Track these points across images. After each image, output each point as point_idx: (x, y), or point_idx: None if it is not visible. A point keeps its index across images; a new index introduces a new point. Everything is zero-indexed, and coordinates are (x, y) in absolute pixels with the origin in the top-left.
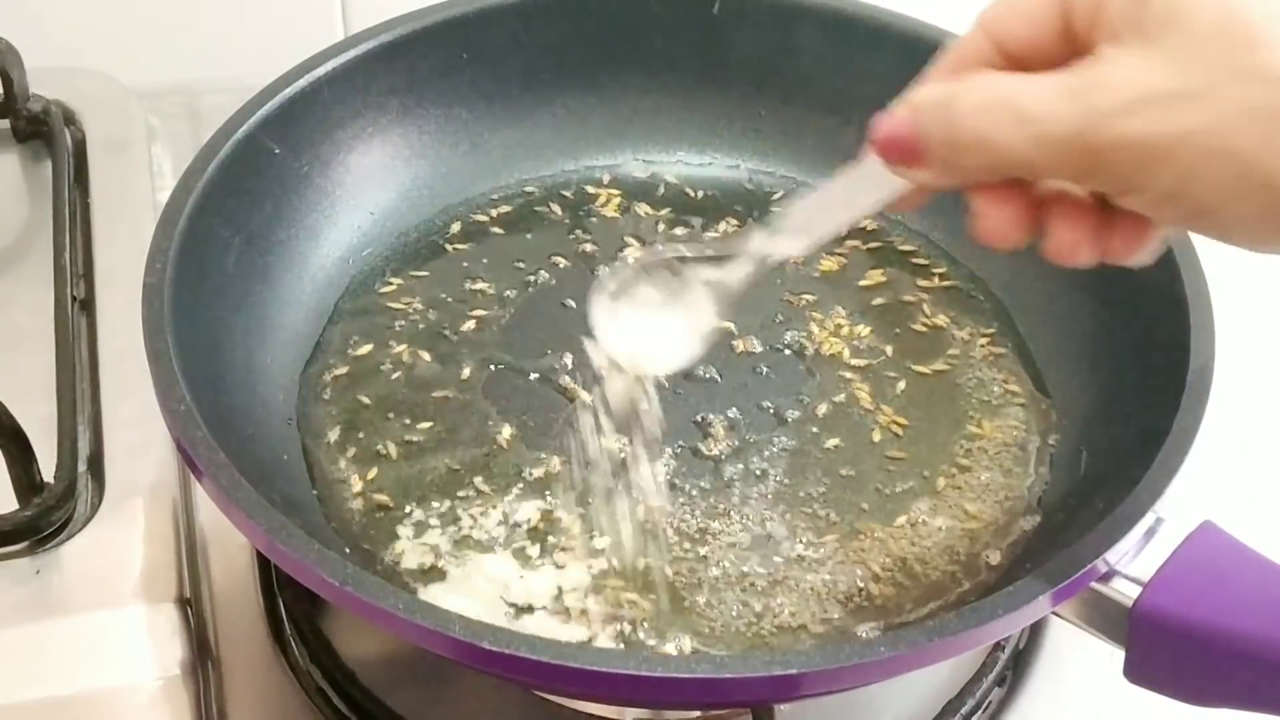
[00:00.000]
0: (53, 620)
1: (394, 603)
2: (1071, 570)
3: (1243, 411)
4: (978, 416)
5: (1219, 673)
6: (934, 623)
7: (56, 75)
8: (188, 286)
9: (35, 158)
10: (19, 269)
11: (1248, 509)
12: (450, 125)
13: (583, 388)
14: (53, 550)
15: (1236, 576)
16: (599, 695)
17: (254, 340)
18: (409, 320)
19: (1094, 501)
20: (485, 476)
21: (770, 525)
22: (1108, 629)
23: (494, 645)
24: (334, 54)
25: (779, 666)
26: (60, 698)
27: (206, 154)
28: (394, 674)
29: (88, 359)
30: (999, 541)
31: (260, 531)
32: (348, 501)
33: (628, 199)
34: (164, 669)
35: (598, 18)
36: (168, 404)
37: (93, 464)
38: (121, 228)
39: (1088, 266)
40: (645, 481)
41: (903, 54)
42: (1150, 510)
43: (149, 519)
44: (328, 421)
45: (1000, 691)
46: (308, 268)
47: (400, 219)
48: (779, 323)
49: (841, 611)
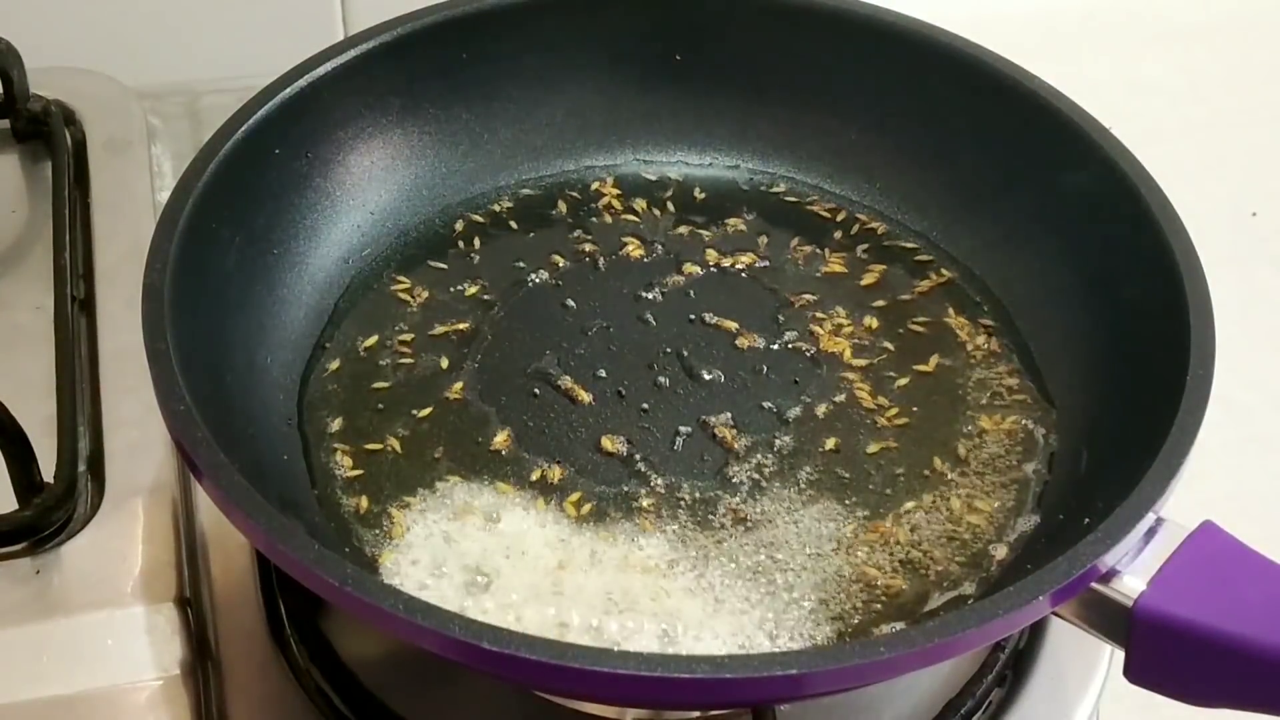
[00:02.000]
0: (53, 620)
1: (394, 603)
2: (1071, 570)
3: (1243, 411)
4: (978, 416)
5: (1219, 673)
6: (934, 623)
7: (56, 75)
8: (188, 286)
9: (35, 158)
10: (19, 269)
11: (1248, 509)
12: (450, 125)
13: (583, 388)
14: (53, 550)
15: (1237, 577)
16: (599, 695)
17: (254, 340)
18: (409, 320)
19: (1094, 501)
20: (485, 477)
21: (771, 524)
22: (1108, 629)
23: (494, 645)
24: (334, 54)
25: (779, 666)
26: (60, 698)
27: (206, 154)
28: (394, 674)
29: (88, 359)
30: (1000, 541)
31: (260, 531)
32: (348, 501)
33: (628, 199)
34: (164, 669)
35: (598, 17)
36: (168, 404)
37: (93, 464)
38: (121, 228)
39: (1086, 269)
40: (646, 482)
41: (903, 54)
42: (1150, 510)
43: (149, 519)
44: (328, 422)
45: (1000, 691)
46: (308, 268)
47: (400, 219)
48: (780, 322)
49: (842, 610)
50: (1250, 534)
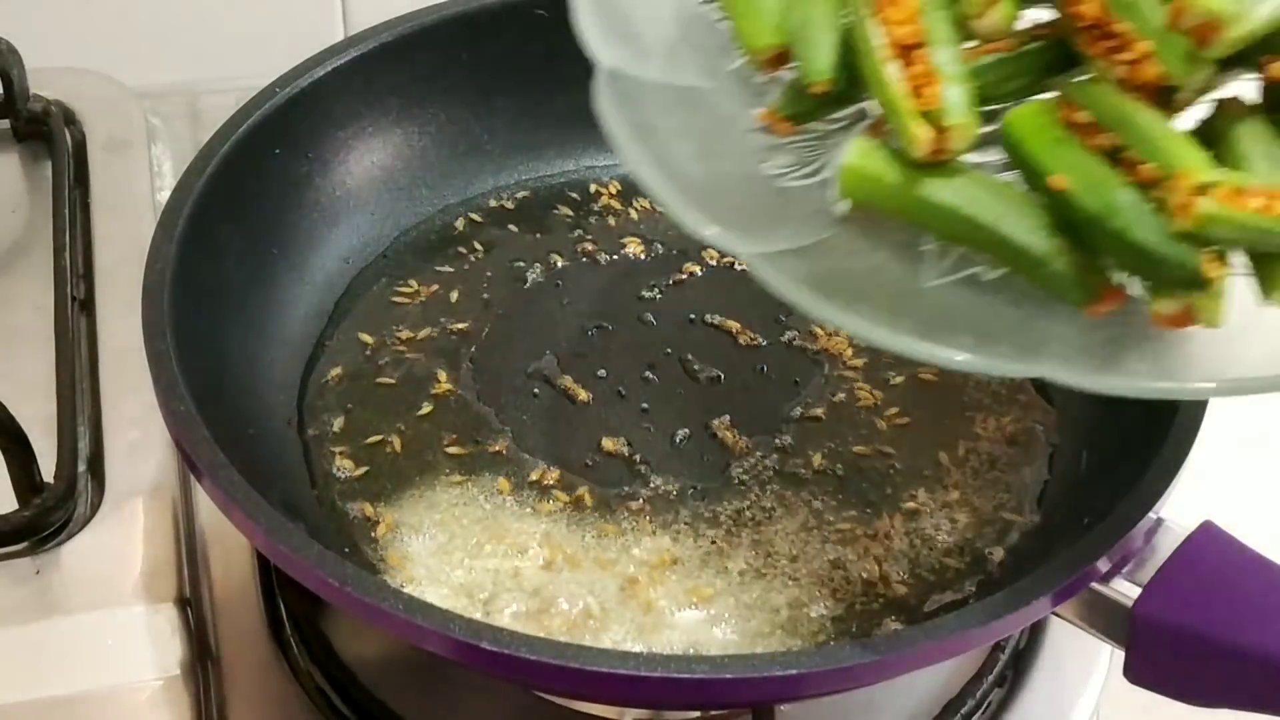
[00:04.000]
0: (53, 620)
1: (394, 603)
2: (1071, 570)
3: (1243, 412)
4: (978, 416)
5: (1219, 673)
6: (934, 623)
7: (56, 75)
8: (188, 286)
9: (35, 158)
10: (19, 269)
11: (1248, 509)
12: (450, 125)
13: (583, 388)
14: (53, 550)
15: (1237, 577)
16: (599, 695)
17: (254, 340)
18: (409, 320)
19: (1094, 501)
20: (485, 477)
21: (771, 524)
22: (1108, 629)
23: (494, 645)
24: (334, 54)
25: (779, 666)
26: (60, 698)
27: (206, 154)
28: (394, 674)
29: (88, 359)
30: (1000, 541)
31: (260, 531)
32: (348, 501)
33: (628, 199)
34: (164, 669)
35: None
36: (168, 404)
37: (93, 464)
38: (121, 228)
39: None
40: (646, 482)
41: None
42: (1150, 511)
43: (149, 519)
44: (328, 421)
45: (1000, 691)
46: (308, 268)
47: (400, 219)
48: (780, 322)
49: (842, 610)
50: (1250, 534)
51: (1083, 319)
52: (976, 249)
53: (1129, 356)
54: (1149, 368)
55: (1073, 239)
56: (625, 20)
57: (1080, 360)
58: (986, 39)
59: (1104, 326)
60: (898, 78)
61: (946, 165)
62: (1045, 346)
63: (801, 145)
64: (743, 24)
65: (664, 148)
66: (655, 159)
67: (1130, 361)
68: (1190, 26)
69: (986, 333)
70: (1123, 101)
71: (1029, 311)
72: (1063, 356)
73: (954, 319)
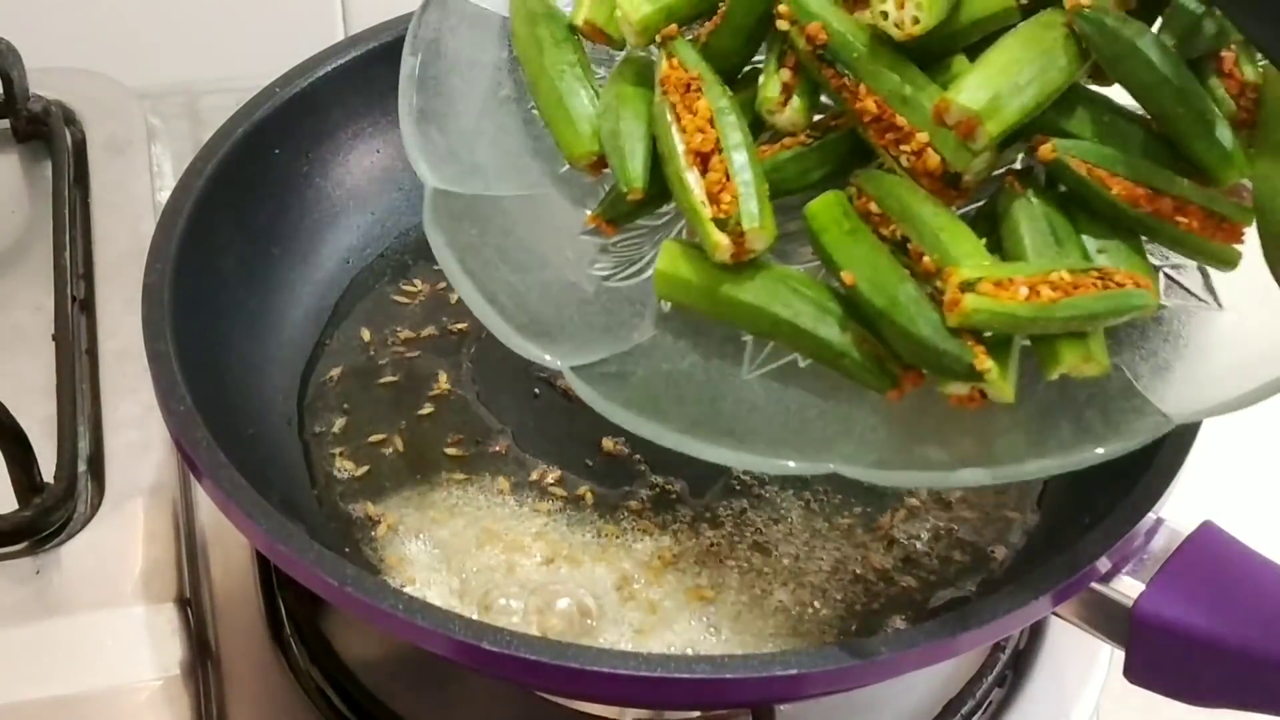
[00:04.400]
0: (53, 620)
1: (394, 603)
2: (1071, 570)
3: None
4: None
5: (1219, 673)
6: (934, 623)
7: (56, 75)
8: (188, 286)
9: (35, 158)
10: (19, 269)
11: (1248, 509)
12: None
13: None
14: (53, 550)
15: (1236, 577)
16: (599, 695)
17: (254, 340)
18: (409, 320)
19: (1094, 501)
20: (485, 476)
21: (771, 523)
22: (1108, 629)
23: (494, 645)
24: (334, 54)
25: (779, 667)
26: (60, 698)
27: (206, 154)
28: (394, 674)
29: (88, 359)
30: (1000, 540)
31: (260, 531)
32: (348, 502)
33: None
34: (164, 669)
35: None
36: (168, 404)
37: (93, 464)
38: (121, 228)
39: None
40: (646, 481)
41: None
42: (1150, 510)
43: (149, 519)
44: (328, 422)
45: (1000, 691)
46: (308, 268)
47: (401, 218)
48: None
49: (842, 609)
50: (1250, 534)
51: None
52: (784, 342)
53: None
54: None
55: (869, 329)
56: (454, 138)
57: (888, 446)
58: (784, 133)
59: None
60: (696, 185)
61: (751, 264)
62: (845, 437)
63: (629, 243)
64: (559, 133)
65: (492, 268)
66: (483, 286)
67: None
68: (954, 124)
69: (787, 427)
70: (906, 192)
71: (842, 398)
72: (853, 451)
73: (758, 415)
